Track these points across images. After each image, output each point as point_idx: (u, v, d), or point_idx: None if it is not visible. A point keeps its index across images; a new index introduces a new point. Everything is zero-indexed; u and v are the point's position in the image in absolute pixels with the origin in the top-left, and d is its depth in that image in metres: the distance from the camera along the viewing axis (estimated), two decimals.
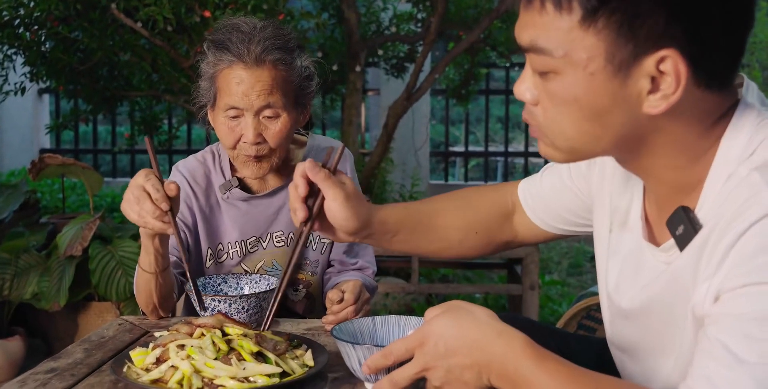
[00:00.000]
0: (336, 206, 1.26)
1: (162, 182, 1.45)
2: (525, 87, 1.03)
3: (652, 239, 1.12)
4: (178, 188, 1.45)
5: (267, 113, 1.65)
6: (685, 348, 1.01)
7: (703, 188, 1.00)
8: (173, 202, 1.45)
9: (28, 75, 4.10)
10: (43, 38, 3.87)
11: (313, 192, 1.28)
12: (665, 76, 0.94)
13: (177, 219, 1.53)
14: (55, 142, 7.36)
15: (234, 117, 1.66)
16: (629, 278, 1.14)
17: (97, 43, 3.73)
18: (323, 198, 1.27)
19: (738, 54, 0.98)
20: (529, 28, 0.99)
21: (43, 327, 3.69)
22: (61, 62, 3.88)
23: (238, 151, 1.69)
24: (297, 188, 1.27)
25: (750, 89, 1.03)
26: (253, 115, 1.64)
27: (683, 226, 1.01)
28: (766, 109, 1.02)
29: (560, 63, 0.96)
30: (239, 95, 1.63)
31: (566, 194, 1.35)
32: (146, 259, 1.56)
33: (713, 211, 0.97)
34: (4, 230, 3.67)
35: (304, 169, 1.26)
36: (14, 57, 4.03)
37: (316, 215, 1.29)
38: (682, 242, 1.01)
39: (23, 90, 4.15)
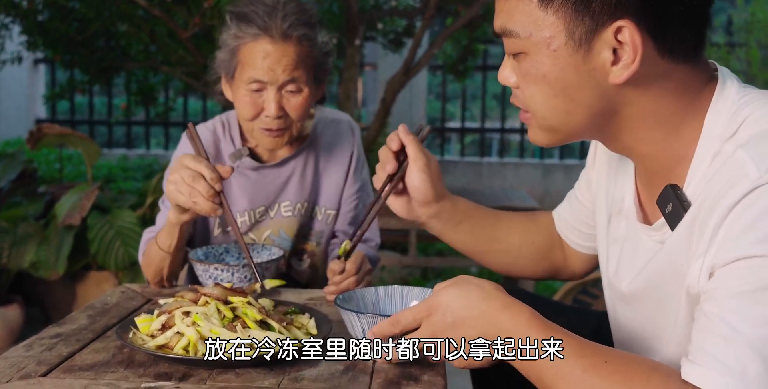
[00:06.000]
0: (417, 169, 1.35)
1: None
2: (507, 72, 1.09)
3: (646, 219, 1.14)
4: (232, 170, 1.49)
5: (290, 87, 1.66)
6: (680, 329, 1.03)
7: (690, 165, 1.02)
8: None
9: (24, 44, 4.08)
10: (40, 7, 3.85)
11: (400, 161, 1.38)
12: (624, 46, 0.98)
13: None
14: (50, 112, 7.32)
15: (257, 90, 1.66)
16: (628, 261, 1.16)
17: (94, 13, 3.70)
18: (408, 163, 1.36)
19: (702, 24, 1.01)
20: (500, 14, 1.06)
21: (40, 295, 3.71)
22: (58, 32, 3.85)
23: (257, 123, 1.69)
24: (391, 142, 1.36)
25: (724, 74, 1.05)
26: (276, 89, 1.65)
27: (672, 204, 1.03)
28: (744, 86, 1.04)
29: (527, 43, 1.03)
30: (265, 69, 1.63)
31: (581, 209, 1.40)
32: (167, 241, 1.60)
33: (701, 188, 0.99)
34: (2, 199, 3.67)
35: (398, 131, 1.37)
36: (11, 26, 4.00)
37: (401, 175, 1.37)
38: (673, 220, 1.03)
39: (20, 59, 4.12)
